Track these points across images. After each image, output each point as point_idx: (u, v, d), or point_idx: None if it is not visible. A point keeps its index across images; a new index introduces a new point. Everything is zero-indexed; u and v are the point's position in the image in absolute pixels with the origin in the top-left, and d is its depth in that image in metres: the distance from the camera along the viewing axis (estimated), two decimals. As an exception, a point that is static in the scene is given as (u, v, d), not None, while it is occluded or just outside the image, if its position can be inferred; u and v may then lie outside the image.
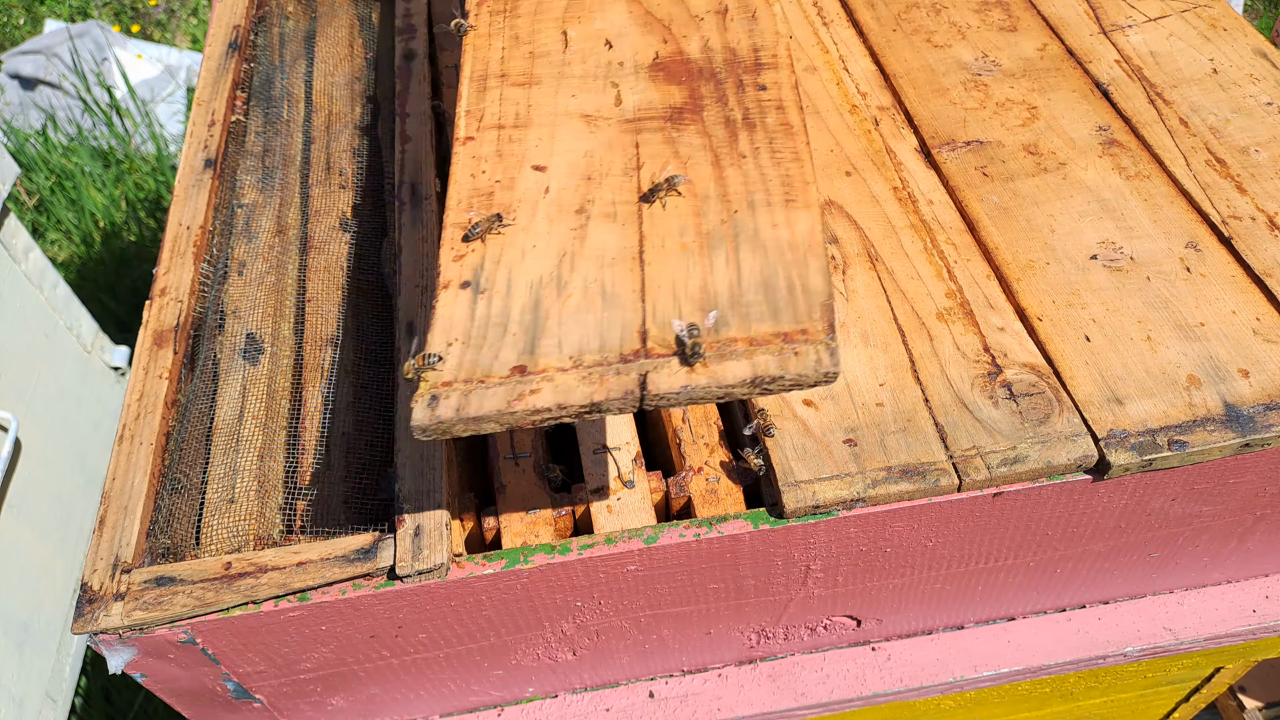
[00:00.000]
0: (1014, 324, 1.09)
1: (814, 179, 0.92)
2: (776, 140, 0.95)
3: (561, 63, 1.06)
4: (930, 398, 1.02)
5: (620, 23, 1.10)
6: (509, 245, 0.90)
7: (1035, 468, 0.96)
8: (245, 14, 1.56)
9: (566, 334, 0.82)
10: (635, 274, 0.86)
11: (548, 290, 0.86)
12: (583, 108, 1.01)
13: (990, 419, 1.00)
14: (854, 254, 1.17)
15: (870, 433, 1.00)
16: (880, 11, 1.49)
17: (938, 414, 1.01)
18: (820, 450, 0.98)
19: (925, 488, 0.96)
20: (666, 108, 1.00)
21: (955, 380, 1.03)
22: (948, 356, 1.06)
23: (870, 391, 1.03)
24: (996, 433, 0.98)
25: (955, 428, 0.99)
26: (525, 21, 1.11)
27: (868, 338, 1.08)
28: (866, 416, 1.01)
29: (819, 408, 1.02)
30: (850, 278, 1.14)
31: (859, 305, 1.11)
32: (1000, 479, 0.96)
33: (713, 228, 0.89)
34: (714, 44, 1.05)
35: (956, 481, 0.96)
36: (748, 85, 1.00)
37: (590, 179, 0.95)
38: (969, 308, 1.10)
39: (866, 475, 0.96)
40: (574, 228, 0.90)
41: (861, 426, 1.00)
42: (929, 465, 0.97)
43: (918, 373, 1.05)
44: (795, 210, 0.89)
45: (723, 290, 0.84)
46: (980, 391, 1.02)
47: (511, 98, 1.03)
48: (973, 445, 0.98)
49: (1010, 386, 1.02)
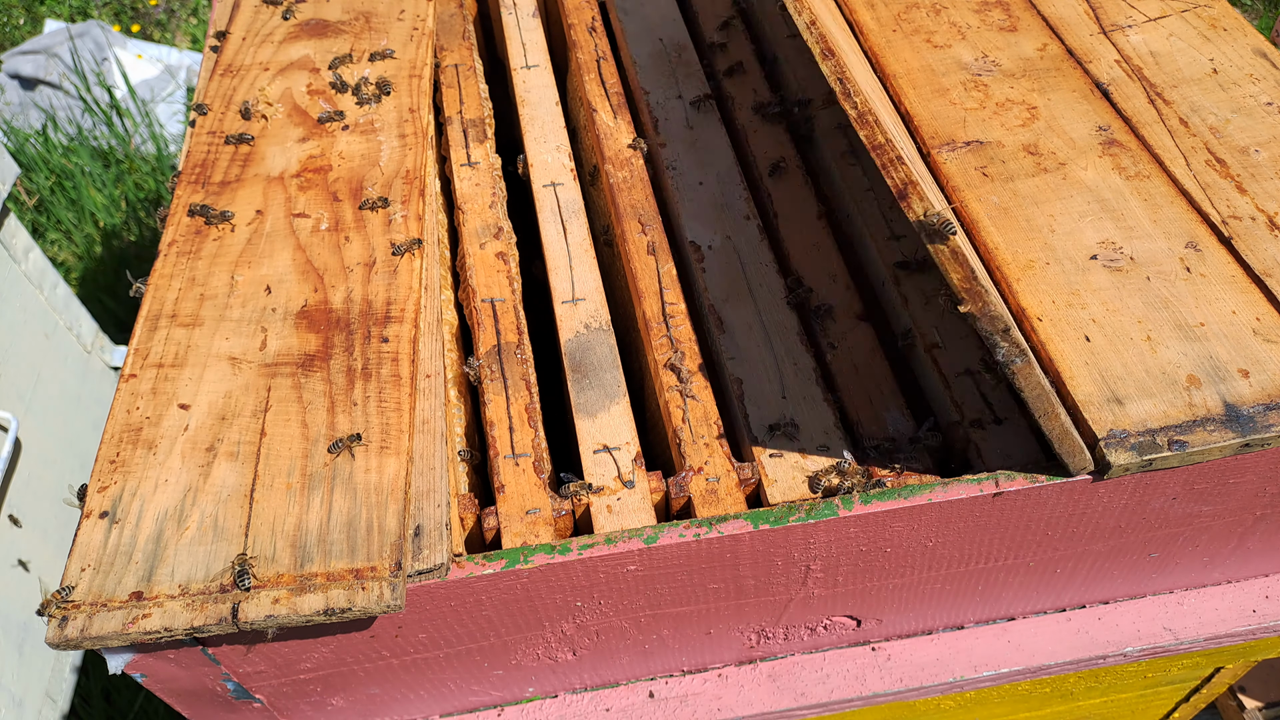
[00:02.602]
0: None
1: (410, 428, 1.03)
2: (385, 390, 1.07)
3: (224, 305, 1.16)
4: None
5: (283, 269, 1.19)
6: (145, 479, 1.00)
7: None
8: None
9: (179, 563, 0.93)
10: (244, 510, 0.97)
11: (170, 522, 0.96)
12: (232, 350, 1.11)
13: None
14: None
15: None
16: (880, 12, 1.49)
17: None
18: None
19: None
20: (302, 354, 1.10)
21: None
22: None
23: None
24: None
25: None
26: (204, 264, 1.21)
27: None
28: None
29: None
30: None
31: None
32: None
33: (316, 469, 1.00)
34: (355, 295, 1.16)
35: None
36: (374, 336, 1.11)
37: (224, 419, 1.05)
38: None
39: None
40: (202, 464, 1.01)
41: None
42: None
43: None
44: (388, 456, 1.00)
45: (313, 528, 0.95)
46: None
47: (175, 338, 1.13)
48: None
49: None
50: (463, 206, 1.36)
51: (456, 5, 1.66)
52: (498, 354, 1.20)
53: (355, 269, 1.19)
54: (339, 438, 0.97)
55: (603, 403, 1.15)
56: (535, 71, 1.58)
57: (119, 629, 0.88)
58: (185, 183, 1.30)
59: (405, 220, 1.23)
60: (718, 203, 1.34)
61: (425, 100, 1.41)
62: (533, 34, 1.64)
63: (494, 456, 1.11)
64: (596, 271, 1.29)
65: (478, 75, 1.54)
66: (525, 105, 1.52)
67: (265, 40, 1.51)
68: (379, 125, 1.37)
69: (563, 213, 1.37)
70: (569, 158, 1.44)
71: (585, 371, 1.19)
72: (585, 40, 1.59)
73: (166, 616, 0.89)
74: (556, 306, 1.26)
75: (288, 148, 1.34)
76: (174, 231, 1.24)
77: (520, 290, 1.27)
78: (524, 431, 1.13)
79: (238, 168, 1.32)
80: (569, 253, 1.32)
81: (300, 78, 1.44)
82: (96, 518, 0.97)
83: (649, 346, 1.21)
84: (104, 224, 3.70)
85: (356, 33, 1.52)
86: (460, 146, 1.44)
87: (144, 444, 1.03)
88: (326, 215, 1.25)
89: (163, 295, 1.17)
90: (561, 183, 1.40)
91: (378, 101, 1.39)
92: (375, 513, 0.96)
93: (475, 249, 1.31)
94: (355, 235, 1.22)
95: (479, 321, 1.23)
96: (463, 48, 1.59)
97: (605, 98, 1.49)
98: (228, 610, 0.89)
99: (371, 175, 1.30)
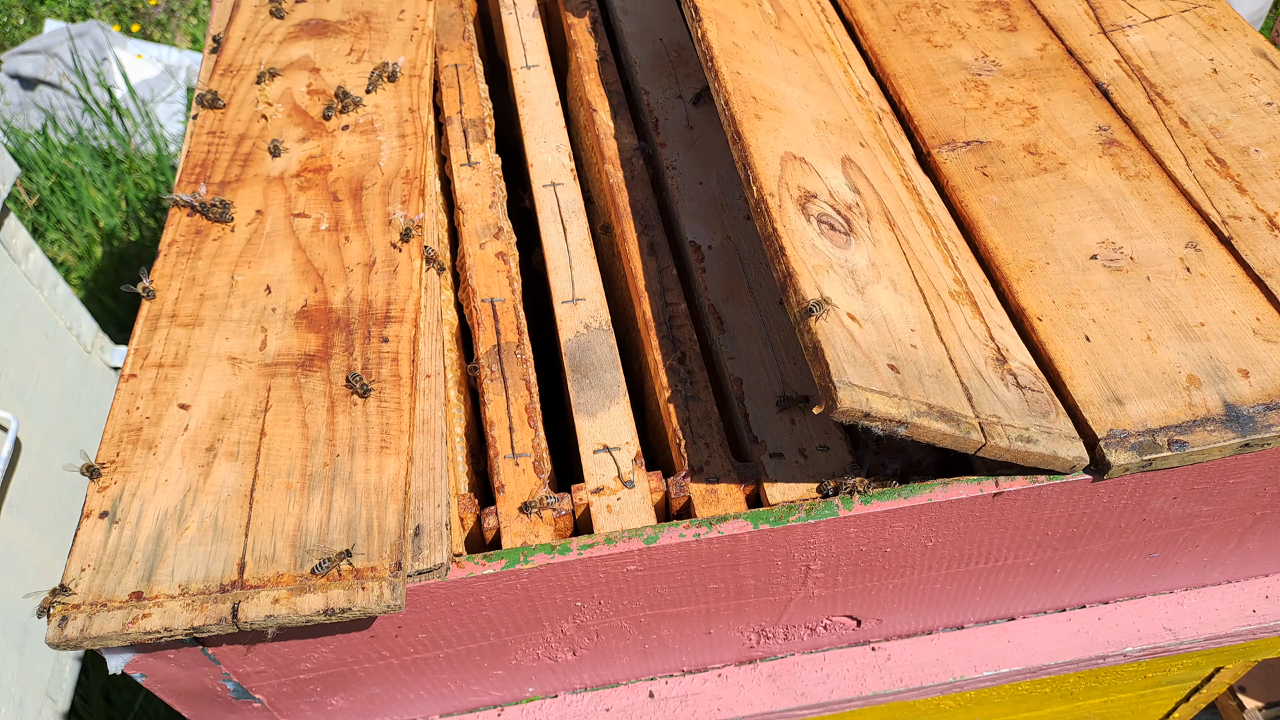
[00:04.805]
0: (1009, 327, 1.09)
1: (410, 428, 1.03)
2: (385, 390, 1.06)
3: (224, 305, 1.16)
4: (954, 359, 1.00)
5: (282, 269, 1.19)
6: (145, 479, 1.00)
7: (1043, 453, 0.95)
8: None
9: (179, 564, 0.93)
10: (244, 510, 0.97)
11: (170, 522, 0.96)
12: (232, 350, 1.11)
13: (1005, 397, 0.98)
14: (875, 211, 1.15)
15: (909, 367, 0.97)
16: (880, 11, 1.49)
17: (962, 375, 0.99)
18: (868, 363, 0.95)
19: (958, 435, 0.93)
20: (301, 354, 1.10)
21: (972, 353, 1.02)
22: (963, 330, 1.05)
23: (904, 332, 1.01)
24: (1011, 410, 0.97)
25: (978, 393, 0.97)
26: (204, 264, 1.21)
27: (895, 286, 1.06)
28: (903, 352, 0.99)
29: (862, 326, 0.99)
30: (875, 229, 1.12)
31: (884, 255, 1.09)
32: (1014, 454, 0.94)
33: (316, 469, 1.00)
34: (355, 295, 1.16)
35: (982, 440, 0.93)
36: (374, 336, 1.11)
37: (224, 419, 1.05)
38: (974, 299, 1.10)
39: (911, 403, 0.93)
40: (202, 464, 1.01)
41: (901, 359, 0.98)
42: (961, 416, 0.94)
43: (941, 334, 1.03)
44: (387, 456, 1.00)
45: (313, 528, 0.95)
46: (993, 371, 1.01)
47: (175, 338, 1.13)
48: (994, 414, 0.96)
49: (1016, 376, 1.02)
50: (463, 206, 1.36)
51: (456, 5, 1.66)
52: (498, 354, 1.20)
53: (355, 269, 1.19)
54: (328, 557, 0.93)
55: (603, 403, 1.15)
56: (535, 71, 1.58)
57: (119, 629, 0.89)
58: (185, 183, 1.30)
59: (405, 220, 1.23)
60: (718, 203, 1.34)
61: (425, 100, 1.41)
62: (533, 34, 1.64)
63: (494, 456, 1.11)
64: (596, 271, 1.30)
65: (478, 75, 1.54)
66: (525, 105, 1.52)
67: (265, 40, 1.51)
68: (379, 125, 1.37)
69: (563, 213, 1.37)
70: (569, 158, 1.44)
71: (585, 371, 1.19)
72: (585, 40, 1.58)
73: (166, 616, 0.89)
74: (556, 306, 1.26)
75: (288, 148, 1.34)
76: (174, 231, 1.24)
77: (520, 290, 1.27)
78: (524, 431, 1.13)
79: (238, 168, 1.32)
80: (569, 253, 1.32)
81: (300, 78, 1.44)
82: (96, 518, 0.97)
83: (649, 346, 1.21)
84: (104, 224, 3.70)
85: (356, 33, 1.52)
86: (460, 146, 1.44)
87: (144, 444, 1.03)
88: (326, 215, 1.25)
89: (163, 295, 1.17)
90: (561, 183, 1.40)
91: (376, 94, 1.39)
92: (375, 513, 0.96)
93: (475, 249, 1.31)
94: (355, 235, 1.22)
95: (479, 321, 1.23)
96: (463, 48, 1.59)
97: (605, 98, 1.49)
98: (228, 610, 0.89)
99: (371, 175, 1.30)
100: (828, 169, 1.17)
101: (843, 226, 1.09)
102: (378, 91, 1.42)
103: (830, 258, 1.04)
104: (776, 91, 1.25)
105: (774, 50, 1.34)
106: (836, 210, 1.11)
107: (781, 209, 1.07)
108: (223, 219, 1.24)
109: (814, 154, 1.18)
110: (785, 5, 1.46)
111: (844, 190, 1.15)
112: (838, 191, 1.14)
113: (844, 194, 1.14)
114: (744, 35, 1.33)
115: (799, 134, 1.20)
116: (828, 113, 1.27)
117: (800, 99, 1.27)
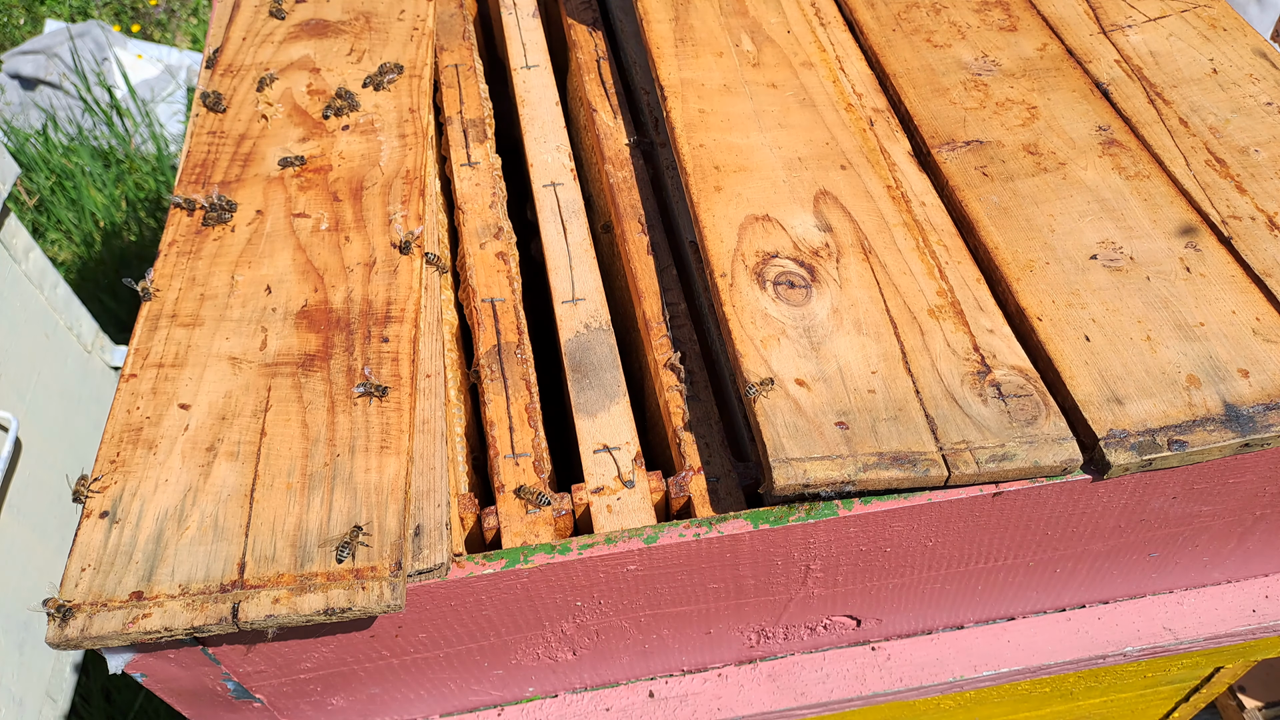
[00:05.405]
0: (1002, 327, 1.08)
1: (410, 428, 1.03)
2: (385, 390, 1.06)
3: (225, 305, 1.16)
4: (921, 390, 1.02)
5: (283, 269, 1.20)
6: (145, 479, 1.00)
7: (1023, 466, 0.96)
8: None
9: (180, 563, 0.93)
10: (245, 510, 0.97)
11: (171, 522, 0.96)
12: (232, 350, 1.11)
13: (979, 415, 0.99)
14: (848, 244, 1.16)
15: (862, 418, 1.00)
16: (880, 11, 1.49)
17: (928, 406, 1.01)
18: (812, 430, 0.98)
19: (915, 476, 0.95)
20: (302, 354, 1.11)
21: (946, 375, 1.03)
22: (938, 352, 1.06)
23: (862, 378, 1.03)
24: (985, 429, 0.98)
25: (945, 421, 0.99)
26: (204, 264, 1.21)
27: (860, 326, 1.08)
28: (858, 401, 1.01)
29: (811, 389, 1.02)
30: (844, 266, 1.14)
31: (852, 294, 1.11)
32: (987, 475, 0.96)
33: (317, 469, 1.00)
34: (355, 295, 1.16)
35: (945, 473, 0.95)
36: (374, 336, 1.11)
37: (224, 419, 1.05)
38: (959, 308, 1.10)
39: (858, 459, 0.96)
40: (202, 464, 1.01)
41: (854, 411, 1.00)
42: (919, 454, 0.96)
43: (909, 365, 1.04)
44: (388, 456, 1.00)
45: (314, 528, 0.95)
46: (970, 388, 1.02)
47: (175, 338, 1.13)
48: (962, 439, 0.97)
49: (999, 386, 1.02)
50: (463, 206, 1.36)
51: (456, 5, 1.66)
52: (498, 354, 1.20)
53: (355, 269, 1.19)
54: (344, 540, 0.94)
55: (603, 402, 1.15)
56: (535, 71, 1.58)
57: (119, 629, 0.89)
58: (185, 183, 1.30)
59: (405, 220, 1.23)
60: (718, 203, 1.34)
61: (425, 100, 1.41)
62: (533, 34, 1.64)
63: (494, 456, 1.11)
64: (596, 271, 1.30)
65: (478, 75, 1.54)
66: (525, 105, 1.52)
67: (265, 40, 1.51)
68: (379, 125, 1.37)
69: (563, 213, 1.37)
70: (569, 158, 1.44)
71: (585, 371, 1.19)
72: (585, 40, 1.59)
73: (166, 616, 0.89)
74: (556, 306, 1.26)
75: (288, 148, 1.34)
76: (174, 231, 1.24)
77: (520, 290, 1.27)
78: (524, 431, 1.13)
79: (238, 168, 1.32)
80: (569, 253, 1.32)
81: (300, 78, 1.44)
82: (97, 518, 0.97)
83: (649, 346, 1.21)
84: (104, 224, 3.70)
85: (357, 33, 1.52)
86: (460, 146, 1.44)
87: (144, 444, 1.03)
88: (326, 215, 1.25)
89: (163, 296, 1.17)
90: (561, 183, 1.40)
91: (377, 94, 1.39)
92: (375, 513, 0.96)
93: (475, 249, 1.31)
94: (355, 235, 1.22)
95: (479, 321, 1.23)
96: (463, 48, 1.59)
97: (605, 98, 1.49)
98: (228, 610, 0.89)
99: (371, 175, 1.30)
100: (795, 216, 1.19)
101: (804, 280, 1.12)
102: (378, 91, 1.42)
103: (784, 323, 1.08)
104: (745, 147, 1.28)
105: (747, 97, 1.35)
106: (800, 262, 1.14)
107: (733, 288, 1.11)
108: (223, 219, 1.24)
109: (780, 205, 1.21)
110: (770, 30, 1.46)
111: (812, 234, 1.17)
112: (804, 239, 1.16)
113: (811, 238, 1.17)
114: (713, 94, 1.36)
115: (765, 189, 1.23)
116: (805, 145, 1.29)
117: (773, 143, 1.29)
